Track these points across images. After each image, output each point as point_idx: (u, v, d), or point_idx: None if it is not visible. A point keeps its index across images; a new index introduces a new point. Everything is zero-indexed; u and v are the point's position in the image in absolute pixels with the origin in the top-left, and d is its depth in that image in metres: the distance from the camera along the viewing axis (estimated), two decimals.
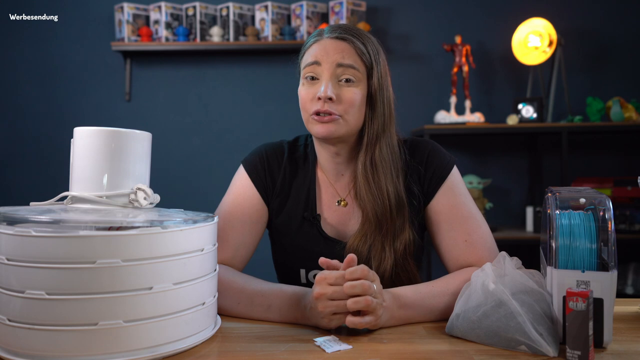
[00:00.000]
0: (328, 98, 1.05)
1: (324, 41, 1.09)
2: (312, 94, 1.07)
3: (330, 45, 1.08)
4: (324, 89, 1.05)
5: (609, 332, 0.82)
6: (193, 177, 3.16)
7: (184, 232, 0.82)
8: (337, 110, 1.06)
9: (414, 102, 3.08)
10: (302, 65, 1.11)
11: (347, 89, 1.07)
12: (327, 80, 1.06)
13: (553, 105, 2.96)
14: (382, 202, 1.08)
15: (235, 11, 3.02)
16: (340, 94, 1.06)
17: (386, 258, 1.08)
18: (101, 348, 0.74)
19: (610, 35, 3.08)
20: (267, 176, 1.17)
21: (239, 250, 1.12)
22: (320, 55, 1.07)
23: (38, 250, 0.75)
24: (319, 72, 1.07)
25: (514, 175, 3.13)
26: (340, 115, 1.06)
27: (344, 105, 1.06)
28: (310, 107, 1.08)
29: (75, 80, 3.17)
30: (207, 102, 3.18)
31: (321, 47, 1.08)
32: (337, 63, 1.06)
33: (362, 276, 0.88)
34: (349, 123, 1.08)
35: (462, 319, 0.88)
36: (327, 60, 1.07)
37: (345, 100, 1.06)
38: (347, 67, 1.06)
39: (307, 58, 1.10)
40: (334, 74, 1.07)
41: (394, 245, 1.09)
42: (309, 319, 0.93)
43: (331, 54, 1.07)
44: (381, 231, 1.08)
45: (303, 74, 1.10)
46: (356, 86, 1.07)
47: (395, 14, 3.15)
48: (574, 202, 0.87)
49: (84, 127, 0.90)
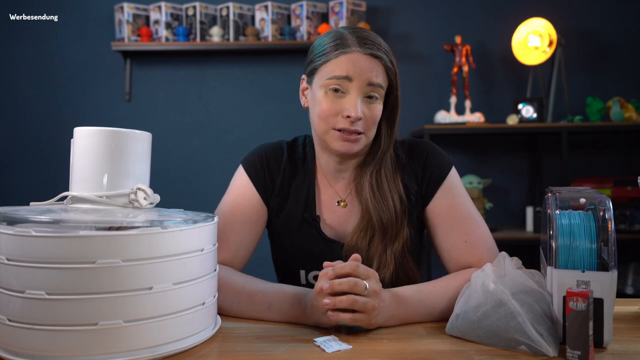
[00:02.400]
0: (358, 119, 1.04)
1: (356, 55, 1.04)
2: (338, 109, 1.05)
3: (363, 62, 1.04)
4: (354, 110, 1.03)
5: (609, 332, 0.82)
6: (193, 177, 3.16)
7: (184, 232, 0.82)
8: (363, 128, 1.06)
9: (414, 102, 3.08)
10: (326, 74, 1.06)
11: (371, 106, 1.06)
12: (356, 98, 1.04)
13: (553, 105, 2.96)
14: (388, 209, 1.09)
15: (235, 11, 3.02)
16: (365, 112, 1.06)
17: (387, 264, 1.08)
18: (101, 348, 0.74)
19: (610, 35, 3.08)
20: (267, 176, 1.17)
21: (239, 250, 1.12)
22: (353, 72, 1.04)
23: (38, 250, 0.75)
24: (347, 88, 1.05)
25: (514, 175, 3.13)
26: (364, 133, 1.07)
27: (368, 123, 1.06)
28: (333, 121, 1.06)
29: (75, 80, 3.17)
30: (207, 102, 3.18)
31: (353, 62, 1.04)
32: (369, 82, 1.04)
33: (351, 272, 0.88)
34: (369, 139, 1.09)
35: (462, 319, 0.88)
36: (359, 77, 1.04)
37: (369, 117, 1.06)
38: (376, 86, 1.06)
39: (334, 69, 1.05)
40: (364, 91, 1.05)
41: (393, 244, 1.09)
42: (310, 317, 0.93)
43: (365, 72, 1.04)
44: (385, 237, 1.09)
45: (326, 84, 1.05)
46: (379, 103, 1.08)
47: (395, 14, 3.15)
48: (574, 202, 0.87)
49: (84, 127, 0.90)
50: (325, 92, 1.06)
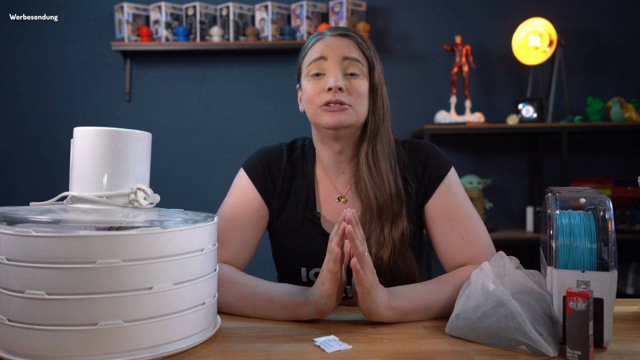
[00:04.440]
0: (338, 88, 1.08)
1: (327, 39, 1.13)
2: (320, 87, 1.10)
3: (334, 41, 1.12)
4: (333, 80, 1.08)
5: (609, 332, 0.82)
6: (193, 177, 3.16)
7: (184, 232, 0.82)
8: (347, 100, 1.09)
9: (414, 102, 3.08)
10: (305, 63, 1.14)
11: (354, 80, 1.10)
12: (334, 72, 1.09)
13: (553, 105, 2.96)
14: (384, 188, 1.11)
15: (235, 11, 3.02)
16: (349, 85, 1.09)
17: (385, 243, 1.09)
18: (101, 348, 0.74)
19: (610, 35, 3.08)
20: (267, 177, 1.18)
21: (241, 250, 1.13)
22: (326, 51, 1.11)
23: (38, 250, 0.75)
24: (325, 67, 1.10)
25: (514, 175, 3.13)
26: (350, 105, 1.09)
27: (354, 96, 1.10)
28: (319, 99, 1.10)
29: (75, 80, 3.17)
30: (207, 102, 3.18)
31: (325, 43, 1.12)
32: (344, 56, 1.10)
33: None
34: (358, 113, 1.11)
35: (462, 319, 0.88)
36: (333, 54, 1.10)
37: (354, 90, 1.10)
38: (352, 61, 1.11)
39: (311, 55, 1.12)
40: (341, 66, 1.10)
41: (392, 231, 1.10)
42: (312, 303, 0.94)
43: (337, 48, 1.11)
44: (381, 218, 1.10)
45: (307, 72, 1.12)
46: (361, 78, 1.11)
47: (395, 14, 3.15)
48: (574, 202, 0.87)
49: (84, 127, 0.90)
50: (308, 80, 1.13)
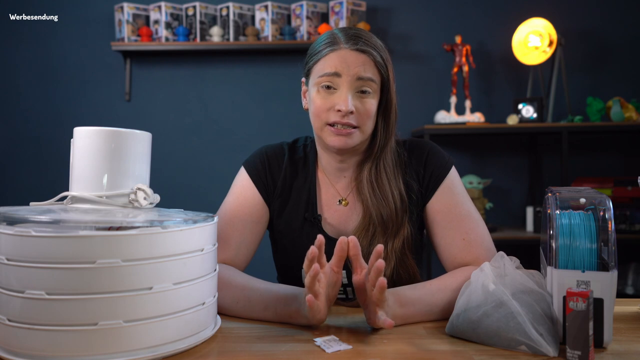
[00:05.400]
0: (349, 112, 1.06)
1: (343, 52, 1.07)
2: (330, 104, 1.07)
3: (350, 57, 1.07)
4: (344, 105, 1.05)
5: (609, 332, 0.82)
6: (193, 177, 3.16)
7: (184, 232, 0.82)
8: (356, 121, 1.07)
9: (414, 102, 3.08)
10: (317, 72, 1.09)
11: (364, 100, 1.08)
12: (346, 92, 1.06)
13: (553, 105, 2.96)
14: (388, 205, 1.10)
15: (235, 11, 3.02)
16: (358, 106, 1.07)
17: (387, 256, 1.09)
18: (101, 348, 0.74)
19: (610, 35, 3.08)
20: (268, 177, 1.18)
21: (241, 249, 1.13)
22: (341, 67, 1.06)
23: (38, 250, 0.75)
24: (338, 83, 1.07)
25: (514, 175, 3.13)
26: (358, 126, 1.08)
27: (362, 117, 1.07)
28: (326, 116, 1.08)
29: (75, 80, 3.17)
30: (207, 102, 3.18)
31: (341, 58, 1.07)
32: (358, 76, 1.06)
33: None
34: (364, 133, 1.10)
35: (462, 319, 0.88)
36: (347, 72, 1.06)
37: (362, 111, 1.07)
38: (366, 80, 1.07)
39: (324, 67, 1.08)
40: (353, 86, 1.07)
41: (394, 241, 1.10)
42: (304, 316, 0.92)
43: (352, 67, 1.06)
44: (386, 232, 1.10)
45: (318, 82, 1.08)
46: (372, 97, 1.09)
47: (395, 14, 3.15)
48: (574, 202, 0.87)
49: (84, 127, 0.90)
50: (317, 90, 1.09)
